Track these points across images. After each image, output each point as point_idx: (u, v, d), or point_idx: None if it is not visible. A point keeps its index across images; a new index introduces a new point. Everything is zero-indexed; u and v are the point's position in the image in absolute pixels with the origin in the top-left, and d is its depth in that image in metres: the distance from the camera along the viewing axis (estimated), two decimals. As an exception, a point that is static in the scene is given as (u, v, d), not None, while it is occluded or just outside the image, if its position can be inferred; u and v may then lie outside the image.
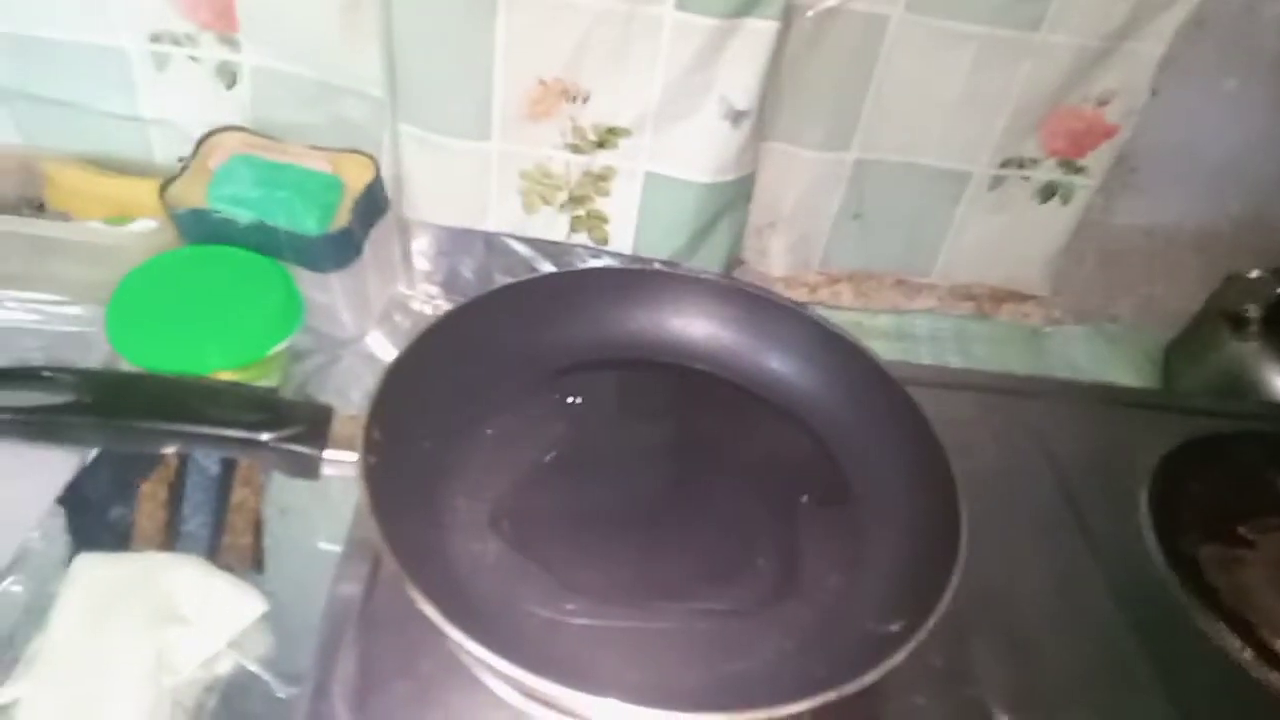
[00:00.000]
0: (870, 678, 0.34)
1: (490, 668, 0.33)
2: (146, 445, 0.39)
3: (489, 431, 0.47)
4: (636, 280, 0.54)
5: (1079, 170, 0.67)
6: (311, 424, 0.39)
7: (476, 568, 0.41)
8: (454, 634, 0.33)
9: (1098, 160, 0.67)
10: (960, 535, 0.40)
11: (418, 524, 0.40)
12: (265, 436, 0.38)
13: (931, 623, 0.36)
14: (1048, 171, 0.67)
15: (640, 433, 0.50)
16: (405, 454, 0.42)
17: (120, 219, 0.62)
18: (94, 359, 0.59)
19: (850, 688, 0.33)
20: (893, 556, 0.43)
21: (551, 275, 0.57)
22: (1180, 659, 0.46)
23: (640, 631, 0.40)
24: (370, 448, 0.39)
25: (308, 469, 0.39)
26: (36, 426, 0.37)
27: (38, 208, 0.65)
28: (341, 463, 0.39)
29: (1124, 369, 0.74)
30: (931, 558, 0.40)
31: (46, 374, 0.38)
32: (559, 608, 0.40)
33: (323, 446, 0.39)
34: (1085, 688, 0.44)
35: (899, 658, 0.34)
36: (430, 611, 0.33)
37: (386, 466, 0.39)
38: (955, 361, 0.71)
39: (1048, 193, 0.68)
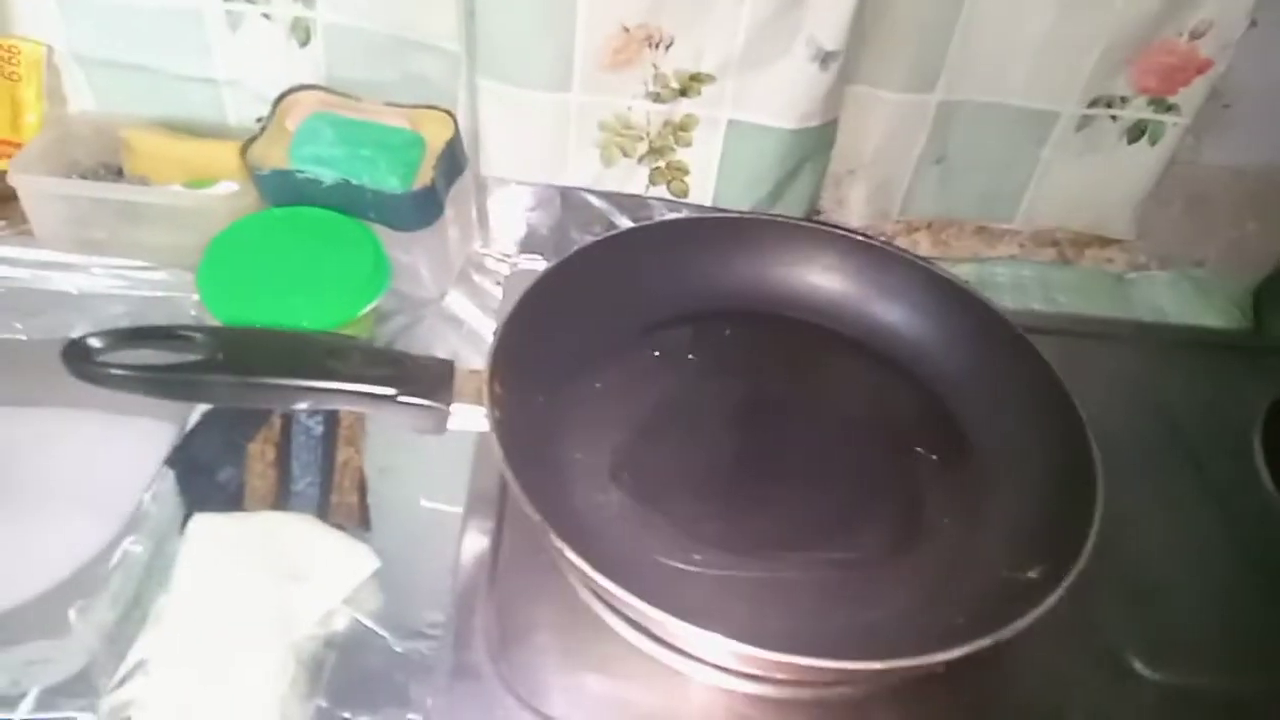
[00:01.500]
0: (1023, 623, 0.33)
1: (635, 614, 0.33)
2: (278, 402, 0.39)
3: (597, 385, 0.47)
4: (737, 229, 0.53)
5: (1170, 109, 0.65)
6: (436, 379, 0.39)
7: (603, 519, 0.41)
8: (604, 582, 0.32)
9: (1190, 97, 0.64)
10: (1096, 477, 0.39)
11: (543, 477, 0.40)
12: (394, 391, 0.38)
13: (1080, 565, 0.35)
14: (1137, 110, 0.65)
15: (746, 385, 0.49)
16: (522, 409, 0.41)
17: (199, 182, 0.62)
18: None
19: (1005, 633, 0.33)
20: (1021, 503, 0.42)
21: (652, 225, 0.56)
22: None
23: (770, 581, 0.40)
24: (494, 402, 0.38)
25: (435, 423, 0.39)
26: (175, 385, 0.37)
27: (116, 173, 0.64)
28: (468, 415, 0.39)
29: (1211, 315, 0.72)
30: (1064, 502, 0.39)
31: (182, 332, 0.38)
32: (687, 557, 0.40)
33: (449, 401, 0.38)
34: (1217, 637, 0.44)
35: (1051, 601, 0.34)
36: (578, 560, 0.33)
37: (509, 420, 0.39)
38: (1040, 309, 0.70)
39: (1136, 133, 0.66)
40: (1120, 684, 0.41)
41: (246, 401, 0.42)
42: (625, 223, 0.65)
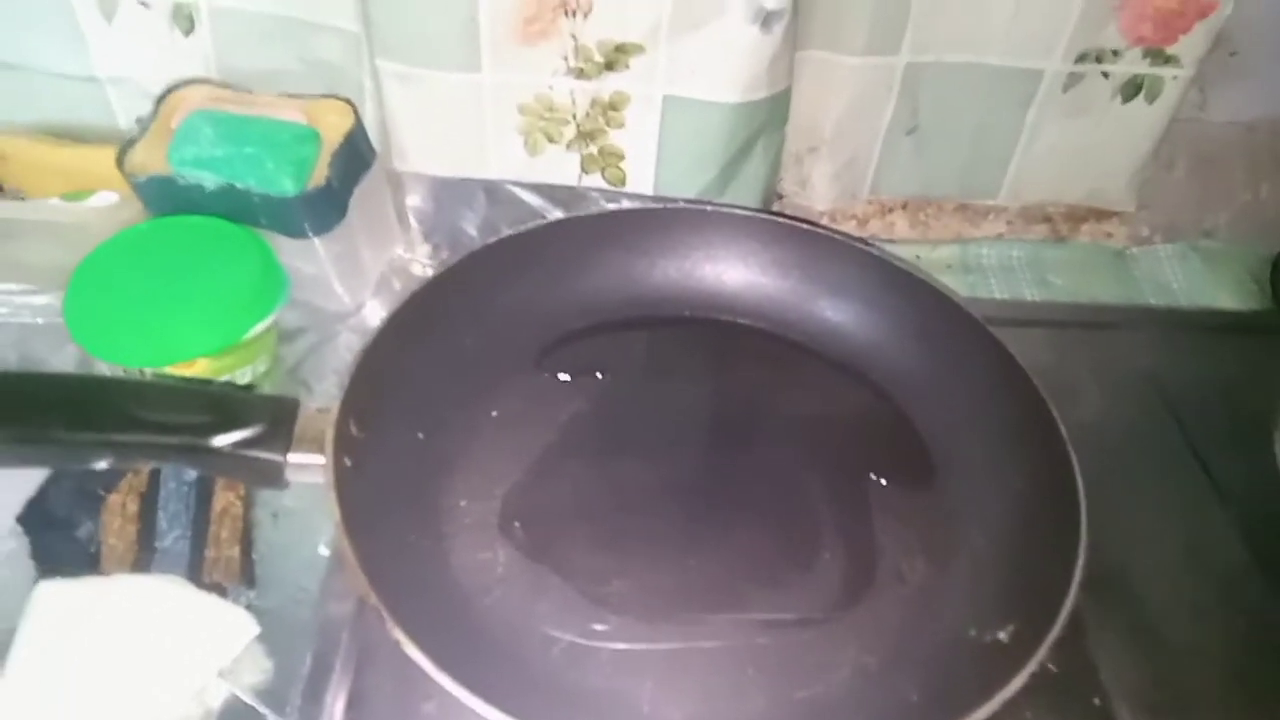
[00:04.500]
0: (982, 713, 0.26)
1: None
2: (65, 461, 0.33)
3: (494, 414, 0.40)
4: (658, 222, 0.46)
5: (1168, 60, 0.58)
6: (273, 422, 0.32)
7: (485, 583, 0.34)
8: (453, 687, 0.26)
9: (1190, 46, 0.57)
10: (1079, 510, 0.32)
11: (411, 534, 0.34)
12: (216, 441, 0.31)
13: (1056, 631, 0.28)
14: (1131, 64, 0.58)
15: (674, 406, 0.42)
16: (392, 449, 0.35)
17: (79, 194, 0.56)
18: (68, 353, 0.54)
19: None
20: (991, 541, 0.35)
21: (555, 223, 0.49)
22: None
23: (686, 654, 0.33)
24: (344, 446, 0.32)
25: (271, 477, 0.32)
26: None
27: (-8, 187, 0.59)
28: (310, 466, 0.32)
29: (1224, 290, 0.65)
30: (1042, 541, 0.32)
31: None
32: (586, 629, 0.33)
33: (287, 449, 0.32)
34: (1236, 679, 0.36)
35: (1019, 681, 0.27)
36: (420, 659, 0.26)
37: (367, 467, 0.32)
38: (1032, 294, 0.63)
39: (1132, 89, 0.59)
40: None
41: (23, 462, 0.35)
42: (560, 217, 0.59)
